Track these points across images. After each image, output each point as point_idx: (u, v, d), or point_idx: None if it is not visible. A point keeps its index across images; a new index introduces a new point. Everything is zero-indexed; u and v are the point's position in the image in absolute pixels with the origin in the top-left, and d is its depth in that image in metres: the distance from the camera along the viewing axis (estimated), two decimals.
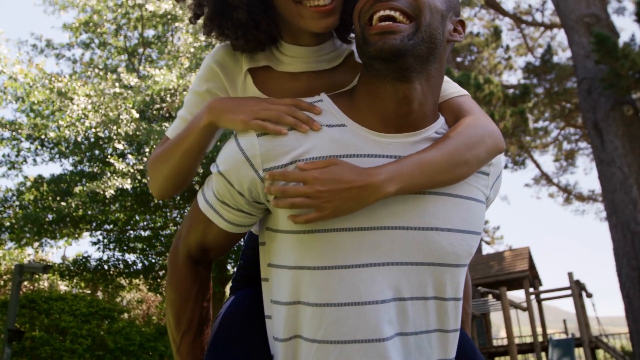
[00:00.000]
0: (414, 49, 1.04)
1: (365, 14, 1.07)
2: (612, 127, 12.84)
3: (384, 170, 1.02)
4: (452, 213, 1.10)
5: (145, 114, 9.11)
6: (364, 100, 1.12)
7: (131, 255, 11.42)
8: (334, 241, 1.04)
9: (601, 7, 13.56)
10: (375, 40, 1.03)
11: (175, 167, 1.22)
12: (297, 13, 1.18)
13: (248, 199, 1.10)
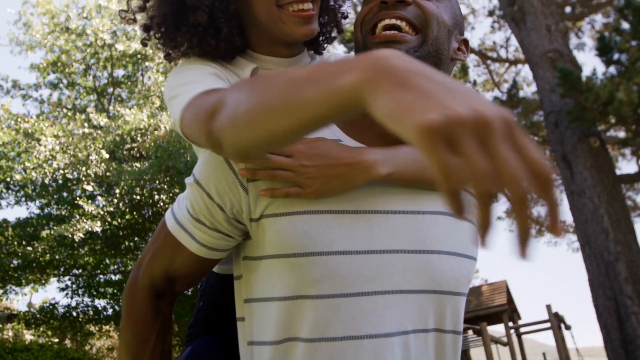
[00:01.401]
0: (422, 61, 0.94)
1: (369, 23, 1.01)
2: (580, 158, 13.11)
3: (376, 152, 0.95)
4: (451, 234, 1.02)
5: (115, 154, 8.91)
6: (360, 116, 1.04)
7: (101, 300, 10.98)
8: (330, 266, 0.91)
9: (563, 43, 13.99)
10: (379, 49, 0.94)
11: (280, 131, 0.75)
12: (279, 18, 1.12)
13: (228, 214, 0.97)
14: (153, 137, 8.78)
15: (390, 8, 0.99)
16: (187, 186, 1.02)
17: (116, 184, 8.14)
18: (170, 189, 8.48)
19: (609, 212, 12.09)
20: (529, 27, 13.45)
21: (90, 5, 11.23)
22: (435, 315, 0.98)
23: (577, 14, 16.25)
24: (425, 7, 1.00)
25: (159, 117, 9.10)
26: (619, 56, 11.97)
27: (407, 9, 0.99)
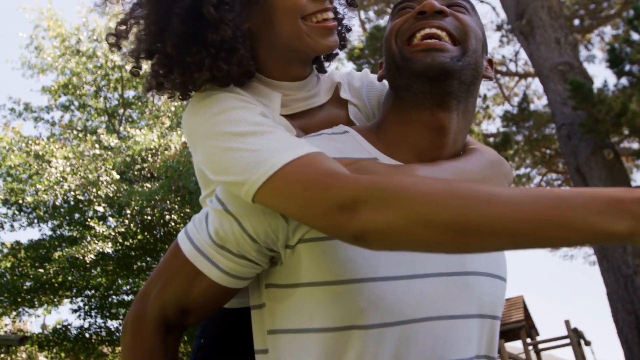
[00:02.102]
0: (461, 73, 0.94)
1: (405, 33, 0.98)
2: (594, 171, 12.98)
3: (422, 169, 0.92)
4: (486, 255, 0.99)
5: (125, 175, 8.93)
6: (394, 132, 1.00)
7: (114, 321, 10.92)
8: (376, 294, 0.86)
9: (573, 56, 13.95)
10: (421, 57, 0.93)
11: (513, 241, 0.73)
12: (304, 32, 1.06)
13: (261, 244, 0.90)
14: (163, 157, 8.80)
15: (429, 18, 0.97)
16: (210, 210, 0.94)
17: (127, 204, 8.14)
18: (181, 209, 8.47)
19: None
20: (538, 40, 13.41)
21: (101, 27, 11.36)
22: (476, 340, 0.94)
23: (585, 26, 16.22)
24: (463, 19, 0.99)
25: (169, 137, 9.12)
26: (630, 67, 11.88)
27: (445, 20, 0.98)
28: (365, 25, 17.69)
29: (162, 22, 1.01)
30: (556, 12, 13.56)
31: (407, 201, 0.76)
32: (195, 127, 0.98)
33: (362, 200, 0.78)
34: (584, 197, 0.71)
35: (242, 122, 0.93)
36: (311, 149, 0.89)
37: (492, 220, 0.72)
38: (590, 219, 0.69)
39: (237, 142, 0.90)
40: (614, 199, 0.70)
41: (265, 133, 0.91)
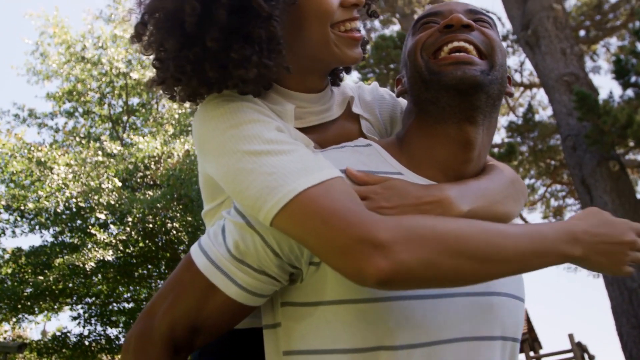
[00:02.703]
0: (490, 87, 0.95)
1: (430, 47, 0.98)
2: (600, 182, 12.92)
3: (451, 188, 0.92)
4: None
5: (128, 182, 8.92)
6: (419, 147, 0.99)
7: (113, 329, 10.87)
8: (406, 313, 0.84)
9: (579, 66, 13.92)
10: (451, 70, 0.93)
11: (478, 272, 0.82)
12: (332, 41, 1.04)
13: (284, 260, 0.86)
14: (166, 164, 8.78)
15: (456, 32, 0.97)
16: (228, 223, 0.90)
17: (128, 212, 8.11)
18: (182, 217, 8.45)
19: None
20: (543, 51, 13.39)
21: (106, 34, 11.40)
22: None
23: (591, 37, 16.20)
24: (489, 34, 1.00)
25: (172, 145, 9.11)
26: (636, 79, 11.86)
27: (472, 34, 0.98)
28: (370, 34, 17.70)
29: (204, 12, 0.94)
30: (562, 23, 13.54)
31: (435, 238, 0.78)
32: (208, 138, 0.94)
33: (391, 241, 0.76)
34: (554, 230, 0.87)
35: (256, 139, 0.89)
36: (330, 173, 0.86)
37: (504, 252, 0.81)
38: (560, 247, 0.86)
39: (251, 162, 0.87)
40: (571, 231, 0.88)
41: (280, 153, 0.88)
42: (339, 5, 1.04)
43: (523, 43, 13.78)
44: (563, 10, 13.83)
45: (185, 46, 0.97)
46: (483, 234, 0.81)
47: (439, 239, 0.78)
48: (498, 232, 0.83)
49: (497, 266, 0.81)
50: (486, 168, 1.03)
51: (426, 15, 1.05)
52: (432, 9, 1.06)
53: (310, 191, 0.82)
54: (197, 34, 0.95)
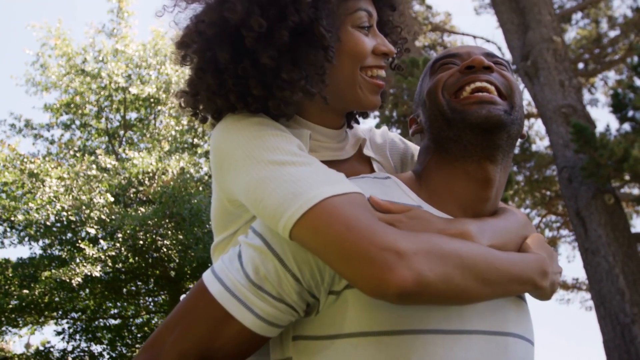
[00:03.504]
0: (511, 126, 0.98)
1: (452, 87, 1.01)
2: (594, 215, 12.92)
3: (471, 223, 0.94)
4: (519, 317, 1.00)
5: (120, 197, 8.87)
6: (438, 182, 1.00)
7: (98, 346, 10.68)
8: (428, 348, 0.82)
9: (577, 99, 14.02)
10: (475, 109, 0.96)
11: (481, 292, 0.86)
12: (358, 82, 1.09)
13: (305, 286, 0.84)
14: (160, 181, 8.75)
15: (477, 73, 1.00)
16: (245, 247, 0.88)
17: (119, 227, 8.06)
18: (174, 235, 8.39)
19: (624, 271, 11.76)
20: (542, 82, 13.48)
21: (107, 49, 11.43)
22: None
23: (590, 70, 16.33)
24: (508, 76, 1.03)
25: (167, 162, 9.09)
26: (633, 113, 11.92)
27: (492, 75, 1.01)
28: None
29: (267, 29, 0.97)
30: (561, 55, 13.65)
31: (452, 254, 0.81)
32: (229, 151, 0.95)
33: (413, 252, 0.77)
34: (533, 261, 0.93)
35: (279, 150, 0.91)
36: (352, 187, 0.86)
37: (500, 276, 0.85)
38: (536, 278, 0.92)
39: (274, 171, 0.87)
40: (544, 265, 0.95)
41: (303, 164, 0.89)
42: (371, 51, 1.10)
43: (522, 73, 13.87)
44: (563, 42, 13.94)
45: (234, 60, 1.00)
46: (488, 258, 0.85)
47: (455, 256, 0.81)
48: (497, 257, 0.87)
49: (492, 288, 0.85)
50: (500, 209, 1.06)
51: (444, 56, 1.08)
52: (450, 50, 1.09)
53: (334, 199, 0.82)
54: (252, 50, 0.98)
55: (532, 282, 0.92)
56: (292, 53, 1.00)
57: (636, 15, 15.28)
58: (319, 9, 1.00)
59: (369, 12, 1.10)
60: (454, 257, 0.81)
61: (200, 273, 9.35)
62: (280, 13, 0.98)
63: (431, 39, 16.83)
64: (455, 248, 0.82)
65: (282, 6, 0.98)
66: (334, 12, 1.04)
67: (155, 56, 11.35)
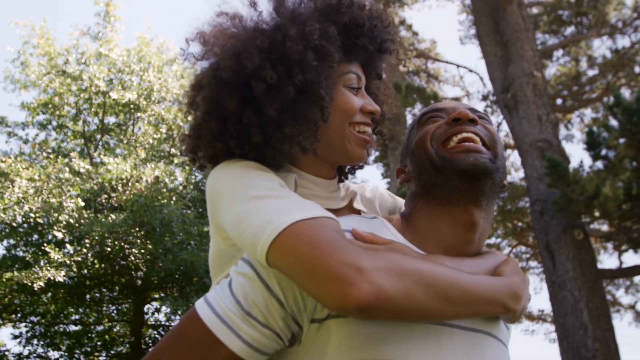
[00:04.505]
0: (496, 174, 1.05)
1: (440, 137, 1.09)
2: (563, 249, 13.11)
3: (449, 259, 1.00)
4: (499, 357, 1.05)
5: (91, 202, 8.76)
6: (424, 225, 1.07)
7: (55, 352, 10.42)
8: None
9: (553, 134, 14.28)
10: (463, 157, 1.03)
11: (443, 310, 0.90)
12: (347, 137, 1.20)
13: (289, 311, 0.88)
14: (133, 188, 8.68)
15: (463, 124, 1.08)
16: (235, 275, 0.93)
17: (87, 233, 7.95)
18: (143, 244, 8.31)
19: (588, 306, 11.92)
20: (520, 115, 13.69)
21: (91, 51, 11.36)
22: None
23: (567, 106, 16.66)
24: (491, 129, 1.12)
25: (142, 170, 9.01)
26: (606, 152, 12.15)
27: (477, 127, 1.10)
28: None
29: (275, 83, 1.09)
30: (540, 90, 13.91)
31: (414, 272, 0.86)
32: (220, 190, 1.06)
33: (374, 268, 0.83)
34: (504, 285, 0.98)
35: (259, 187, 1.00)
36: (323, 213, 0.93)
37: (465, 296, 0.90)
38: (506, 301, 0.97)
39: (253, 205, 0.96)
40: (516, 289, 1.00)
41: (280, 197, 0.97)
42: (360, 109, 1.22)
43: (502, 105, 14.09)
44: (543, 78, 14.22)
45: (240, 108, 1.11)
46: (452, 277, 0.90)
47: (415, 274, 0.86)
48: (463, 278, 0.91)
49: (456, 307, 0.90)
50: (484, 252, 1.12)
51: (431, 110, 1.17)
52: (436, 105, 1.19)
53: (302, 223, 0.89)
54: (259, 100, 1.10)
55: (503, 305, 0.96)
56: (293, 109, 1.12)
57: (615, 57, 15.66)
58: (320, 71, 1.13)
59: (359, 76, 1.24)
60: (415, 274, 0.85)
61: (167, 284, 9.27)
62: (287, 71, 1.10)
63: (415, 65, 17.04)
64: (418, 266, 0.87)
65: (290, 65, 1.10)
66: (330, 75, 1.17)
67: (139, 62, 11.29)
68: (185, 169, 10.03)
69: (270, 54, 1.10)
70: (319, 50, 1.13)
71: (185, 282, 8.47)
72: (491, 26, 14.37)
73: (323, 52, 1.14)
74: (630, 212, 11.76)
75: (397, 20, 16.70)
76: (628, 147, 11.08)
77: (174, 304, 7.90)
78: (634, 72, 15.84)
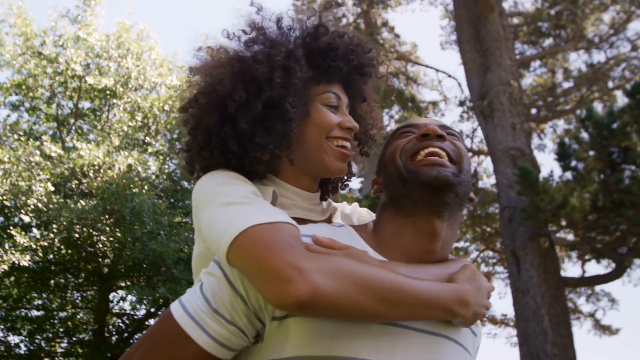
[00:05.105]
0: (458, 187, 1.12)
1: (409, 151, 1.17)
2: (529, 256, 13.35)
3: (404, 265, 1.06)
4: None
5: (61, 187, 8.65)
6: (388, 233, 1.14)
7: (15, 337, 10.25)
8: None
9: (526, 143, 14.50)
10: (427, 170, 1.10)
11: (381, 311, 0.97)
12: (324, 150, 1.30)
13: (251, 308, 0.96)
14: (105, 175, 8.60)
15: (431, 140, 1.16)
16: (205, 276, 1.01)
17: (56, 218, 7.86)
18: (112, 232, 8.24)
19: (550, 313, 12.19)
20: (495, 122, 13.89)
21: (69, 34, 11.17)
22: None
23: (541, 116, 16.95)
24: (458, 145, 1.20)
25: (115, 157, 8.93)
26: (576, 163, 12.39)
27: (444, 143, 1.16)
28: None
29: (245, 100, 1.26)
30: (516, 99, 14.12)
31: (352, 275, 0.93)
32: (199, 197, 1.17)
33: (313, 269, 0.90)
34: (450, 291, 1.02)
35: (232, 195, 1.10)
36: (283, 218, 1.02)
37: (404, 299, 0.95)
38: (452, 306, 1.01)
39: (223, 210, 1.05)
40: (464, 295, 1.04)
41: (249, 204, 1.07)
42: (337, 125, 1.33)
43: (478, 112, 14.27)
44: (519, 87, 14.44)
45: (219, 123, 1.28)
46: (391, 280, 0.95)
47: (354, 276, 0.92)
48: (406, 282, 0.97)
49: (396, 309, 0.96)
50: (449, 260, 1.19)
51: (404, 126, 1.25)
52: (409, 121, 1.27)
53: (259, 226, 0.98)
54: (233, 116, 1.26)
55: (449, 309, 1.02)
56: (265, 122, 1.27)
57: (590, 71, 15.98)
58: (288, 88, 1.27)
59: (338, 96, 1.36)
60: (354, 276, 0.92)
61: (134, 273, 9.21)
62: (257, 89, 1.26)
63: (395, 67, 17.16)
64: (358, 269, 0.94)
65: (259, 84, 1.26)
66: (305, 92, 1.32)
67: (118, 48, 11.13)
68: (158, 159, 9.95)
69: (243, 76, 1.27)
70: (285, 70, 1.28)
71: (152, 272, 8.43)
72: (472, 33, 14.52)
73: (289, 71, 1.28)
74: (596, 223, 12.02)
75: (379, 22, 16.79)
76: (597, 160, 11.30)
77: (140, 293, 7.86)
78: (607, 87, 16.19)
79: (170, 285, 7.48)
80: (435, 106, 17.41)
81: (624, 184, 10.87)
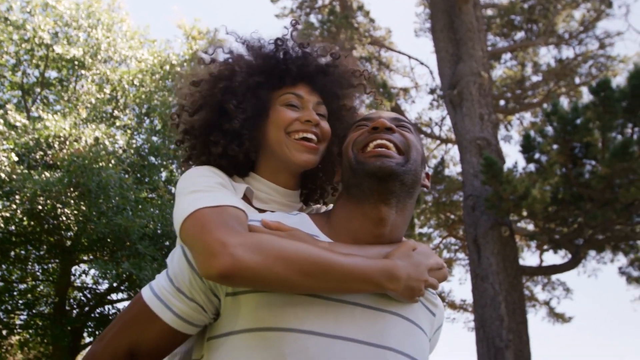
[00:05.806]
0: (404, 176, 1.19)
1: (360, 143, 1.25)
2: (489, 244, 13.63)
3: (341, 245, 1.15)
4: (405, 336, 1.14)
5: (25, 158, 8.47)
6: (339, 220, 1.23)
7: None
8: (299, 344, 1.01)
9: (493, 133, 14.71)
10: (373, 161, 1.18)
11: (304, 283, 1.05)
12: (285, 144, 1.39)
13: (206, 283, 1.06)
14: (71, 147, 8.45)
15: (381, 132, 1.23)
16: (170, 257, 1.13)
17: (19, 189, 7.72)
18: (76, 205, 8.14)
19: (507, 300, 12.55)
20: (464, 112, 14.05)
21: (37, 1, 10.85)
22: None
23: (509, 108, 17.21)
24: (407, 136, 1.26)
25: (82, 129, 8.78)
26: (539, 156, 12.64)
27: (393, 135, 1.24)
28: None
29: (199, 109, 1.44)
30: (485, 90, 14.29)
31: (273, 249, 1.01)
32: (178, 188, 1.28)
33: (237, 244, 0.99)
34: (380, 266, 1.09)
35: (198, 184, 1.21)
36: (231, 202, 1.13)
37: (328, 272, 1.02)
38: (381, 281, 1.07)
39: (188, 197, 1.17)
40: (393, 270, 1.10)
41: (209, 191, 1.18)
42: (297, 119, 1.42)
43: (447, 101, 14.41)
44: (489, 78, 14.60)
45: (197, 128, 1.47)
46: (315, 254, 1.03)
47: (276, 250, 1.01)
48: (331, 256, 1.05)
49: (318, 282, 1.03)
50: (399, 243, 1.25)
51: (360, 120, 1.34)
52: (365, 115, 1.36)
53: (205, 209, 1.09)
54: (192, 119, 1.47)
55: (377, 283, 1.08)
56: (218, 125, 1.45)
57: (558, 66, 16.27)
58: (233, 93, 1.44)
59: (299, 95, 1.46)
60: (278, 250, 1.01)
61: (98, 247, 9.13)
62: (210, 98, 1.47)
63: (369, 51, 17.18)
64: (284, 245, 1.03)
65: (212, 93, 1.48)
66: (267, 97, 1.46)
67: (88, 18, 10.88)
68: (126, 133, 9.82)
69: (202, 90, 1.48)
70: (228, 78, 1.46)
71: (117, 247, 8.37)
72: (446, 22, 14.61)
73: (232, 78, 1.45)
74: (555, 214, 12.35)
75: (355, 6, 16.75)
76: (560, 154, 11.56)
77: (103, 267, 7.81)
78: (574, 83, 16.51)
79: (134, 261, 7.48)
80: (406, 93, 17.53)
81: (584, 178, 11.19)
